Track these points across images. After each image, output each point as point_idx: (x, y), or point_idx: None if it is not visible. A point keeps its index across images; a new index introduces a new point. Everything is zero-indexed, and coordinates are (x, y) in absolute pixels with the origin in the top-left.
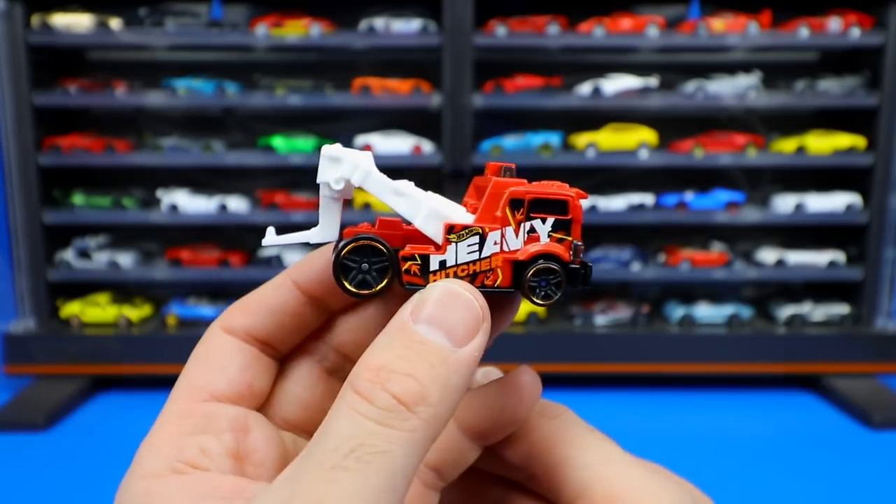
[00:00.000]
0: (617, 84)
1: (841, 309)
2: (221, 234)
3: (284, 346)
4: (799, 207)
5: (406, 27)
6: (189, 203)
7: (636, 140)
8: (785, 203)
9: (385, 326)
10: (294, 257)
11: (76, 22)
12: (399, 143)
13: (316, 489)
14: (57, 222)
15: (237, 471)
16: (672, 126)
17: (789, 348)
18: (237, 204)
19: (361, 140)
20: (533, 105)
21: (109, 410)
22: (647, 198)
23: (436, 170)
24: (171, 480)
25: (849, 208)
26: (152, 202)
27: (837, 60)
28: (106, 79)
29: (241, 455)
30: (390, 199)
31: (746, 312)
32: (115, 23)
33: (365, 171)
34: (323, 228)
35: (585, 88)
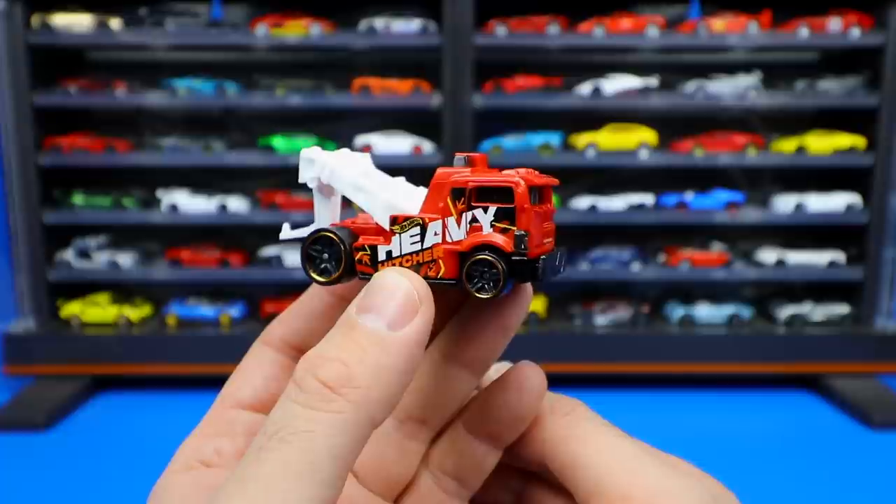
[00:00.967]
0: (617, 84)
1: (841, 309)
2: (221, 234)
3: None
4: (799, 207)
5: (406, 27)
6: (189, 203)
7: (636, 140)
8: (785, 203)
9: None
10: (294, 257)
11: (76, 22)
12: (399, 143)
13: (243, 471)
14: (57, 222)
15: None
16: (672, 126)
17: (789, 348)
18: (237, 204)
19: (361, 140)
20: (533, 105)
21: (109, 410)
22: (647, 198)
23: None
24: (184, 475)
25: (849, 208)
26: (152, 202)
27: (837, 60)
28: (106, 79)
29: None
30: (351, 194)
31: (746, 312)
32: (115, 23)
33: (330, 170)
34: (318, 224)
35: (585, 88)
